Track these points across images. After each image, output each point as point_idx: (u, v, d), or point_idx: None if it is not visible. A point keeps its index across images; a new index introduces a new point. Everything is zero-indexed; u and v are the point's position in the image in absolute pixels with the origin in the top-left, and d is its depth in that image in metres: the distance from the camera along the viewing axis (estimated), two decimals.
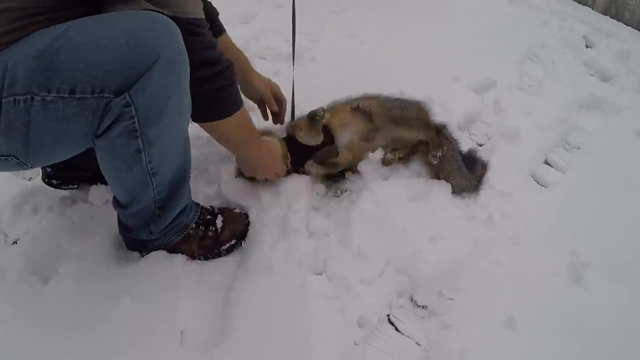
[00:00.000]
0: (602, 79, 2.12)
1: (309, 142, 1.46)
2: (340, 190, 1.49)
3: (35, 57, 0.84)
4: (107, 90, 0.86)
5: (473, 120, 1.79)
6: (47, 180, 1.39)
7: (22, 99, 0.84)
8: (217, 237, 1.29)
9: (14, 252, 1.27)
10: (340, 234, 1.34)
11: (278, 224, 1.33)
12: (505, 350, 1.16)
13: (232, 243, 1.30)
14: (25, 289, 1.19)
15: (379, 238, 1.33)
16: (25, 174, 1.49)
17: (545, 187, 1.61)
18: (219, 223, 1.30)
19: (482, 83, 1.95)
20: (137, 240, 1.23)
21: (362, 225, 1.35)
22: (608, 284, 1.30)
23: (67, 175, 1.39)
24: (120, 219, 1.22)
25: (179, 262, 1.26)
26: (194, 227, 1.26)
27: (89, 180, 1.42)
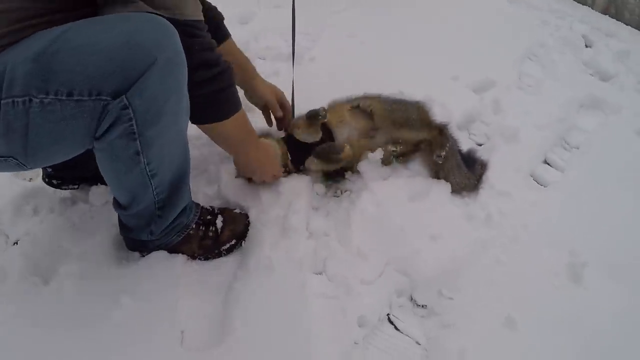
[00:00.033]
0: (601, 79, 2.13)
1: (308, 139, 1.46)
2: (340, 190, 1.49)
3: (34, 59, 0.84)
4: (104, 93, 0.86)
5: (472, 120, 1.80)
6: (47, 180, 1.39)
7: (20, 101, 0.84)
8: (217, 237, 1.29)
9: (15, 252, 1.27)
10: (340, 234, 1.34)
11: (278, 224, 1.34)
12: (505, 349, 1.16)
13: (232, 243, 1.31)
14: (26, 290, 1.19)
15: (379, 238, 1.33)
16: (26, 175, 1.49)
17: (545, 186, 1.61)
18: (219, 223, 1.30)
19: (481, 83, 1.96)
20: (137, 241, 1.23)
21: (361, 225, 1.35)
22: (607, 283, 1.30)
23: (67, 176, 1.40)
24: (121, 220, 1.22)
25: (180, 262, 1.26)
26: (194, 227, 1.26)
27: (89, 181, 1.42)
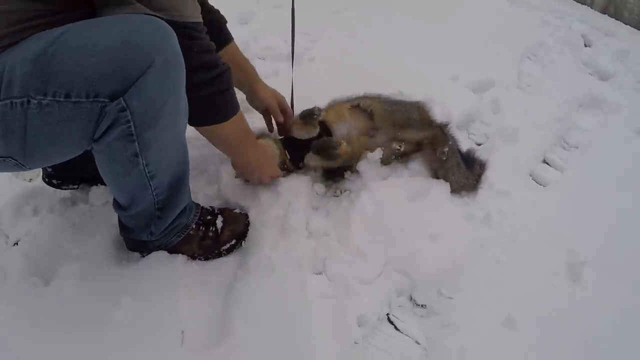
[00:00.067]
0: (600, 78, 2.12)
1: (305, 136, 1.47)
2: (340, 190, 1.49)
3: (32, 60, 0.84)
4: (102, 95, 0.86)
5: (472, 120, 1.80)
6: (47, 180, 1.40)
7: (19, 102, 0.85)
8: (217, 237, 1.29)
9: (15, 253, 1.27)
10: (340, 234, 1.35)
11: (278, 224, 1.34)
12: (504, 349, 1.17)
13: (232, 243, 1.31)
14: (26, 290, 1.19)
15: (379, 237, 1.33)
16: (26, 175, 1.50)
17: (544, 186, 1.61)
18: (219, 223, 1.30)
19: (480, 83, 1.95)
20: (137, 241, 1.23)
21: (361, 225, 1.35)
22: (606, 282, 1.30)
23: (67, 176, 1.40)
24: (121, 220, 1.22)
25: (180, 262, 1.26)
26: (194, 227, 1.27)
27: (89, 181, 1.42)
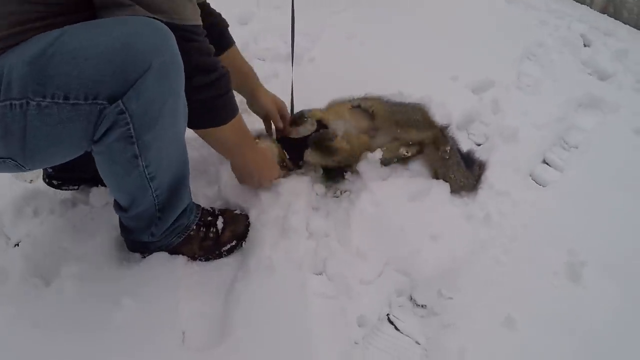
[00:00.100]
0: (600, 78, 2.12)
1: (303, 133, 1.47)
2: (340, 191, 1.49)
3: (30, 62, 0.84)
4: (100, 97, 0.86)
5: (471, 120, 1.80)
6: (47, 181, 1.40)
7: (18, 104, 0.85)
8: (217, 238, 1.29)
9: (16, 254, 1.27)
10: (340, 234, 1.35)
11: (278, 225, 1.34)
12: (504, 349, 1.17)
13: (232, 244, 1.31)
14: (27, 291, 1.20)
15: (378, 238, 1.34)
16: (26, 177, 1.50)
17: (544, 186, 1.61)
18: (220, 224, 1.30)
19: (480, 83, 1.96)
20: (138, 242, 1.23)
21: (361, 225, 1.36)
22: (606, 282, 1.31)
23: (67, 176, 1.40)
24: (121, 221, 1.22)
25: (180, 263, 1.26)
26: (195, 228, 1.27)
27: (89, 182, 1.42)
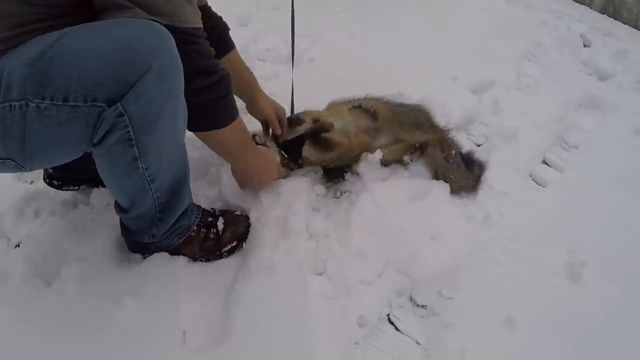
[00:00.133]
0: (599, 78, 2.13)
1: (300, 131, 1.48)
2: (340, 192, 1.50)
3: (30, 64, 0.84)
4: (99, 99, 0.86)
5: (471, 121, 1.80)
6: (48, 181, 1.40)
7: (17, 105, 0.85)
8: (218, 238, 1.30)
9: (17, 255, 1.27)
10: (340, 235, 1.35)
11: (278, 226, 1.34)
12: (504, 349, 1.17)
13: (233, 245, 1.31)
14: (28, 292, 1.20)
15: (379, 238, 1.34)
16: (27, 178, 1.50)
17: (544, 186, 1.61)
18: (220, 225, 1.31)
19: (480, 83, 1.96)
20: (139, 243, 1.24)
21: (361, 226, 1.36)
22: (606, 282, 1.31)
23: (68, 177, 1.40)
24: (122, 222, 1.22)
25: (181, 263, 1.27)
26: (196, 229, 1.27)
27: (90, 182, 1.43)
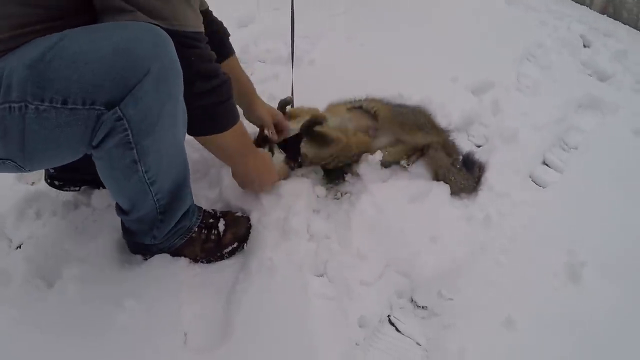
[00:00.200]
0: (599, 79, 2.13)
1: (296, 130, 1.48)
2: (340, 193, 1.50)
3: (29, 66, 0.85)
4: (98, 103, 0.87)
5: (471, 122, 1.80)
6: (49, 181, 1.41)
7: (17, 107, 0.86)
8: (219, 240, 1.30)
9: (18, 256, 1.28)
10: (341, 236, 1.35)
11: (279, 227, 1.34)
12: (504, 349, 1.17)
13: (234, 246, 1.32)
14: (30, 293, 1.20)
15: (379, 239, 1.34)
16: (28, 179, 1.50)
17: (544, 187, 1.62)
18: (221, 226, 1.31)
19: (480, 84, 1.96)
20: (140, 244, 1.24)
21: (362, 227, 1.36)
22: (606, 283, 1.31)
23: (69, 177, 1.41)
24: (123, 224, 1.23)
25: (182, 265, 1.27)
26: (197, 230, 1.27)
27: (91, 183, 1.43)
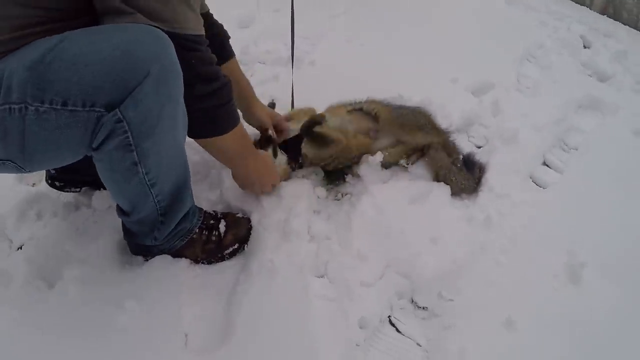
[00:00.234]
0: (599, 79, 2.13)
1: (295, 132, 1.48)
2: (341, 194, 1.50)
3: (29, 67, 0.85)
4: (98, 105, 0.87)
5: (471, 123, 1.80)
6: (50, 182, 1.41)
7: (17, 108, 0.86)
8: (220, 241, 1.30)
9: (19, 257, 1.28)
10: (341, 237, 1.35)
11: (280, 228, 1.34)
12: (505, 350, 1.17)
13: (235, 247, 1.32)
14: (31, 294, 1.20)
15: (379, 240, 1.34)
16: (29, 180, 1.51)
17: (544, 188, 1.62)
18: (222, 227, 1.31)
19: (480, 85, 1.96)
20: (141, 246, 1.24)
21: (362, 228, 1.36)
22: (606, 284, 1.31)
23: (69, 179, 1.41)
24: (124, 225, 1.23)
25: (183, 266, 1.27)
26: (198, 232, 1.27)
27: (92, 184, 1.43)
